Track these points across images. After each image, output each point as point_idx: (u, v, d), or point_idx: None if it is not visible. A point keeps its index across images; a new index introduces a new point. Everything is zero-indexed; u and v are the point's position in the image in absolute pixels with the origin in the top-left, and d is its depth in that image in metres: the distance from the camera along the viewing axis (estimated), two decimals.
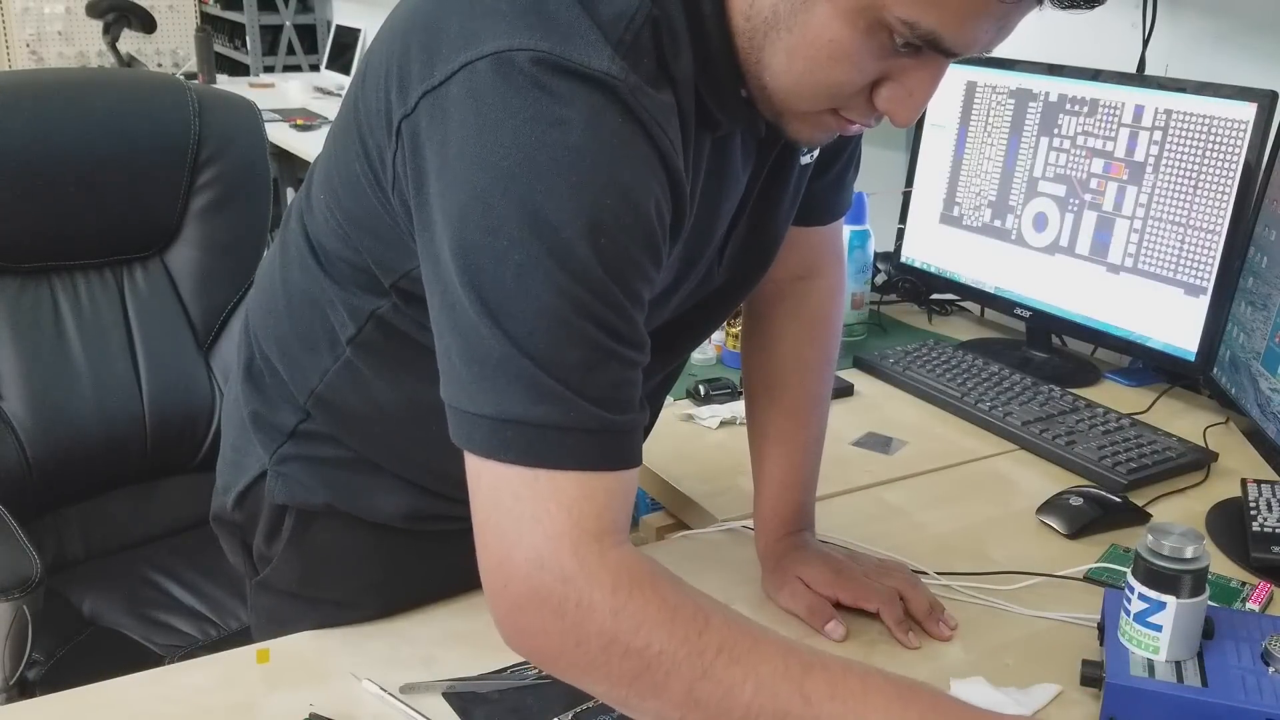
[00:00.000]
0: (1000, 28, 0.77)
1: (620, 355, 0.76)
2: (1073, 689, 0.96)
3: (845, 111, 0.82)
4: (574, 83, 0.73)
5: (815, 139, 0.88)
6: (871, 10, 0.74)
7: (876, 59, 0.78)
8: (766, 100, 0.84)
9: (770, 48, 0.80)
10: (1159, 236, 1.52)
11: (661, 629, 0.73)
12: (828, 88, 0.80)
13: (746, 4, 0.80)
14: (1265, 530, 1.18)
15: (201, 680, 0.97)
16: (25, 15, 4.92)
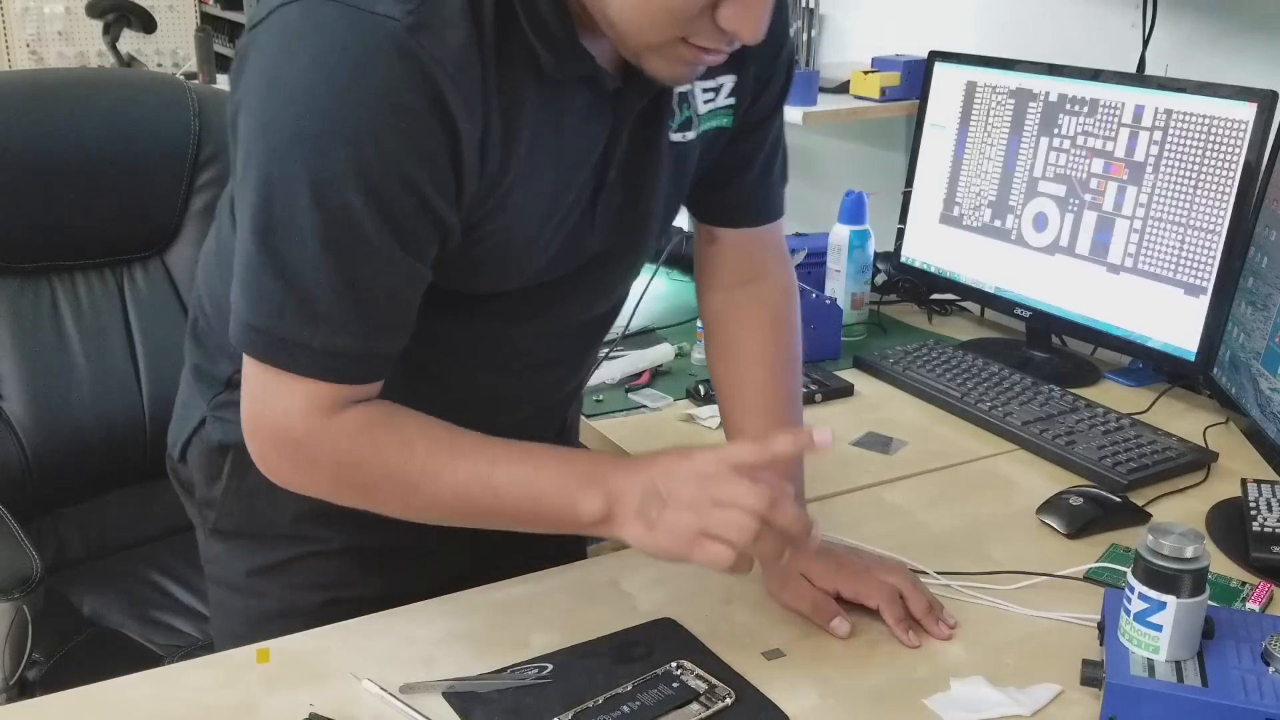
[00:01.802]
0: None
1: (367, 291, 0.87)
2: (1073, 689, 0.96)
3: (694, 38, 0.86)
4: (352, 23, 0.80)
5: (676, 73, 0.91)
6: None
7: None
8: (618, 37, 0.88)
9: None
10: (1159, 236, 1.52)
11: (374, 467, 0.92)
12: (668, 11, 0.84)
13: None
14: (1265, 530, 1.18)
15: (201, 680, 0.97)
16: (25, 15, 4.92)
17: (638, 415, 1.51)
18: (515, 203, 0.93)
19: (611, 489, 0.91)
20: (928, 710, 0.94)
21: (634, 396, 1.56)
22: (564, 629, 1.04)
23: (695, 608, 1.08)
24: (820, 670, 0.99)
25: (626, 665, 0.98)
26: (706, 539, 0.89)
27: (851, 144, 2.30)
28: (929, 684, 0.97)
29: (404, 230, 0.87)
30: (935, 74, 1.80)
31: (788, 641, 1.03)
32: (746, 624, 1.06)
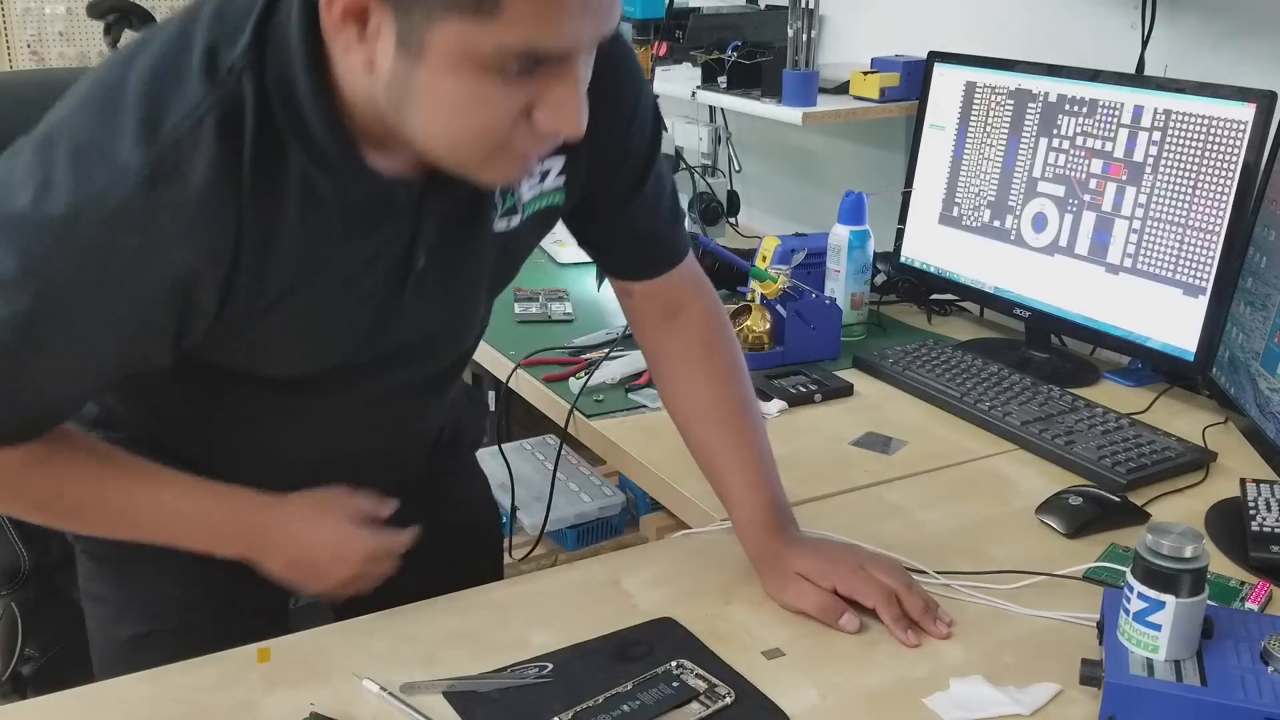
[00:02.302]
0: (597, 14, 0.80)
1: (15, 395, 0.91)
2: (1072, 688, 0.96)
3: (514, 145, 0.85)
4: (91, 168, 0.82)
5: (510, 177, 0.93)
6: (465, 56, 0.78)
7: (507, 92, 0.81)
8: (438, 161, 0.88)
9: (407, 120, 0.84)
10: (1158, 237, 1.52)
11: (25, 509, 1.04)
12: (477, 135, 0.84)
13: (357, 80, 0.84)
14: (1264, 530, 1.18)
15: (201, 680, 0.97)
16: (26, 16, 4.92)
17: (637, 415, 1.51)
18: (290, 308, 0.94)
19: (254, 547, 1.06)
20: (927, 710, 0.94)
21: (634, 396, 1.56)
22: (564, 628, 1.04)
23: (695, 607, 1.08)
24: (820, 670, 0.99)
25: (626, 664, 0.98)
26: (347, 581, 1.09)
27: (851, 144, 2.30)
28: (929, 683, 0.98)
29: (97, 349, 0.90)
30: (935, 74, 1.80)
31: (788, 641, 1.03)
32: (746, 623, 1.06)
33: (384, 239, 0.96)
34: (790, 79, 1.89)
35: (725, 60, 2.00)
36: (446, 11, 0.77)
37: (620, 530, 2.49)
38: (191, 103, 0.83)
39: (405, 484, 1.18)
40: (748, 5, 2.43)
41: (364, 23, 0.80)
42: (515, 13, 0.76)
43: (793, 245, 1.71)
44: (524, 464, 2.57)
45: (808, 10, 1.87)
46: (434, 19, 0.78)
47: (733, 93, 2.00)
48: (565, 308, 1.89)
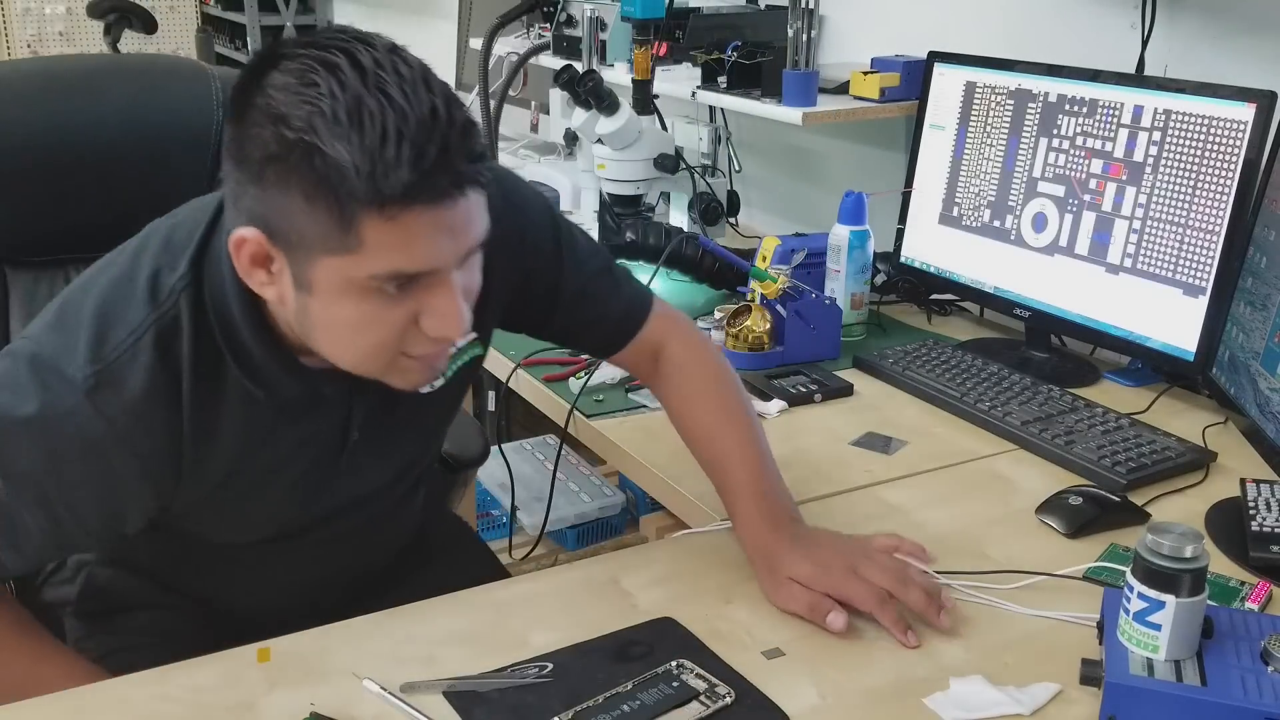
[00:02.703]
0: (453, 232, 0.90)
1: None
2: (1072, 688, 0.97)
3: (412, 350, 0.96)
4: (48, 379, 0.95)
5: (415, 381, 1.01)
6: (346, 283, 0.89)
7: (390, 309, 0.91)
8: (353, 372, 0.99)
9: (313, 339, 0.96)
10: (1158, 237, 1.52)
11: None
12: (371, 350, 0.95)
13: (285, 315, 0.97)
14: (1264, 530, 1.18)
15: (201, 680, 0.97)
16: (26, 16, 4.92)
17: (637, 415, 1.51)
18: (228, 492, 1.06)
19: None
20: (927, 709, 0.95)
21: (634, 396, 1.56)
22: (564, 628, 1.04)
23: (695, 607, 1.08)
24: (820, 669, 0.99)
25: (626, 664, 0.98)
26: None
27: (851, 144, 2.30)
28: (929, 683, 0.98)
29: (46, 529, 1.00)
30: (935, 74, 1.80)
31: (788, 641, 1.03)
32: (746, 623, 1.06)
33: (316, 427, 1.08)
34: (790, 79, 1.89)
35: (725, 60, 2.00)
36: (322, 253, 0.89)
37: (620, 530, 2.50)
38: (133, 323, 0.96)
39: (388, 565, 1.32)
40: (748, 5, 2.43)
41: (269, 265, 0.93)
42: (375, 246, 0.87)
43: (793, 245, 1.71)
44: (524, 464, 2.57)
45: (808, 10, 1.87)
46: (313, 259, 0.89)
47: (733, 93, 2.00)
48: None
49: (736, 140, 2.44)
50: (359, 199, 0.85)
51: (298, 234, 0.89)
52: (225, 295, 0.98)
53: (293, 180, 0.86)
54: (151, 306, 0.97)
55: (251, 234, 0.91)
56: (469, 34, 3.39)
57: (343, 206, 0.85)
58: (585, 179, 2.32)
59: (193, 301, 0.98)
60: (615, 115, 1.97)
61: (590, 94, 1.96)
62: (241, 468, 1.05)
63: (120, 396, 0.95)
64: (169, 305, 0.97)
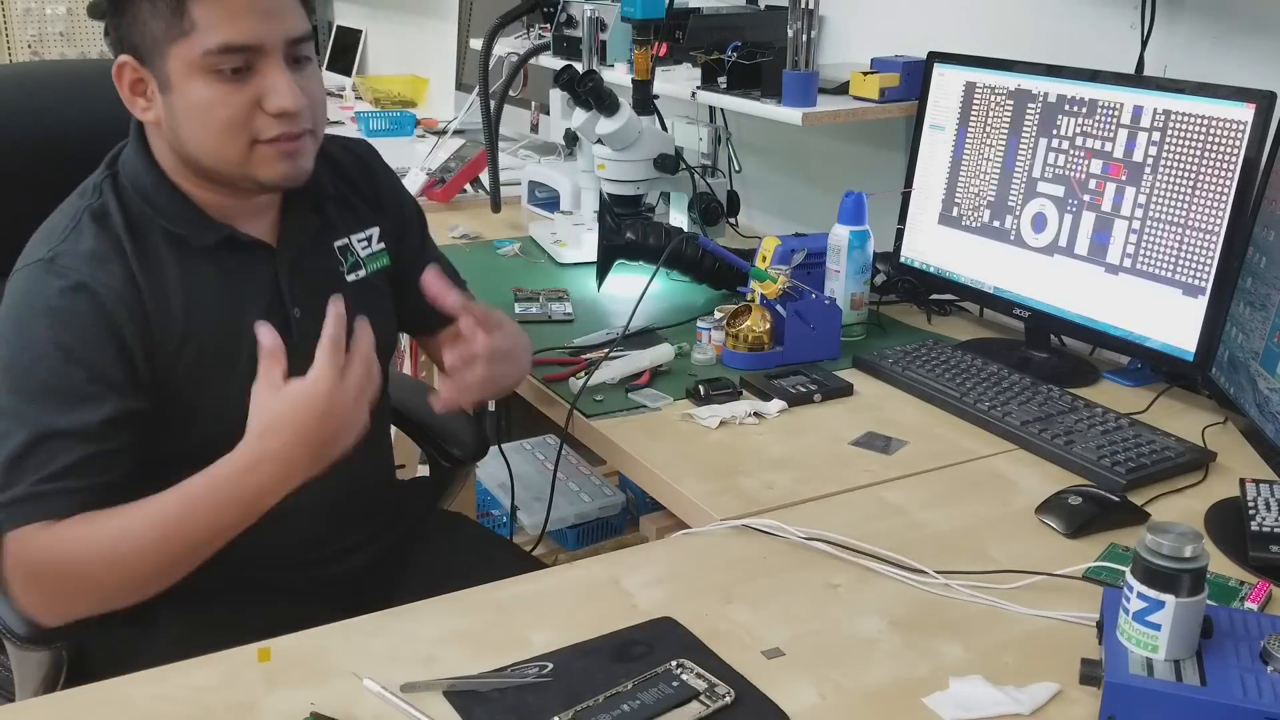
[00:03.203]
0: (269, 14, 1.13)
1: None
2: (1072, 688, 0.97)
3: (261, 135, 1.16)
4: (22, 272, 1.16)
5: (280, 171, 1.19)
6: (190, 67, 1.12)
7: (233, 90, 1.14)
8: (220, 174, 1.19)
9: (183, 141, 1.17)
10: (1157, 237, 1.52)
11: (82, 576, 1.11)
12: (224, 126, 1.15)
13: (159, 138, 1.19)
14: (1264, 529, 1.18)
15: (202, 680, 0.97)
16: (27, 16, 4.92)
17: (637, 415, 1.51)
18: (194, 356, 1.19)
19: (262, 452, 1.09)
20: (927, 709, 0.95)
21: (634, 396, 1.56)
22: (564, 628, 1.04)
23: (695, 607, 1.08)
24: (820, 669, 0.99)
25: (626, 664, 0.98)
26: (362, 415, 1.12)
27: (851, 145, 2.30)
28: (928, 683, 0.98)
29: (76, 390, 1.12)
30: (934, 75, 1.80)
31: (788, 641, 1.03)
32: (746, 623, 1.06)
33: (252, 282, 1.24)
34: (790, 79, 1.89)
35: (725, 60, 2.00)
36: (169, 44, 1.13)
37: (620, 530, 2.50)
38: (69, 214, 1.18)
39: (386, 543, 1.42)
40: (748, 5, 2.43)
41: (145, 91, 1.17)
42: (204, 24, 1.11)
43: (793, 245, 1.71)
44: (524, 464, 2.57)
45: (808, 10, 1.87)
46: (165, 54, 1.13)
47: (733, 93, 2.00)
48: (565, 308, 1.89)
49: (736, 140, 2.44)
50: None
51: (151, 38, 1.13)
52: (133, 165, 1.21)
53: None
54: (81, 201, 1.19)
55: (124, 59, 1.16)
56: (469, 34, 3.39)
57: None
58: (585, 179, 2.32)
59: (114, 186, 1.20)
60: (615, 115, 1.97)
61: (590, 94, 1.96)
62: (195, 324, 1.19)
63: (76, 254, 1.14)
64: (95, 195, 1.19)
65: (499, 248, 2.25)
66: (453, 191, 2.58)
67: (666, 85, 2.13)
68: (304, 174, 1.22)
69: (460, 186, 2.60)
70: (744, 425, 1.48)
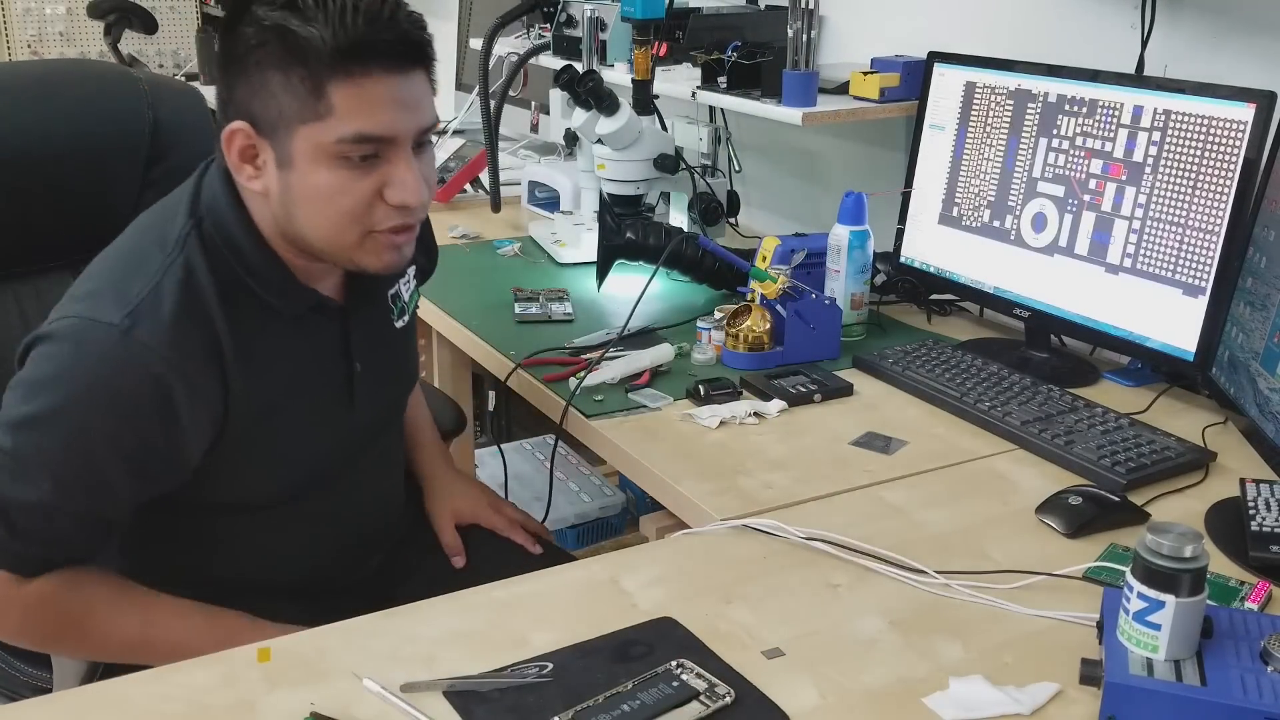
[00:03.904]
0: (407, 105, 1.08)
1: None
2: (1072, 688, 0.97)
3: (377, 226, 1.11)
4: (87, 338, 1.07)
5: (386, 262, 1.15)
6: (319, 151, 1.06)
7: (358, 178, 1.08)
8: (327, 256, 1.14)
9: (294, 218, 1.11)
10: (1158, 237, 1.52)
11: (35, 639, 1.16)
12: (344, 215, 1.09)
13: (262, 207, 1.13)
14: (1264, 530, 1.18)
15: (202, 680, 0.97)
16: (26, 16, 4.92)
17: (637, 415, 1.51)
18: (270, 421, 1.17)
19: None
20: (927, 709, 0.95)
21: (634, 396, 1.56)
22: (564, 628, 1.04)
23: (695, 607, 1.08)
24: (820, 669, 0.99)
25: (627, 664, 0.98)
26: None
27: (851, 144, 2.30)
28: (928, 683, 0.98)
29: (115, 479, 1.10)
30: (934, 75, 1.80)
31: (788, 641, 1.03)
32: (746, 623, 1.06)
33: (325, 342, 1.23)
34: (790, 79, 1.89)
35: (725, 60, 2.00)
36: (299, 123, 1.06)
37: (620, 530, 2.50)
38: (150, 271, 1.09)
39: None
40: (748, 5, 2.43)
41: (255, 159, 1.10)
42: (342, 110, 1.05)
43: (793, 245, 1.71)
44: (524, 464, 2.57)
45: (808, 10, 1.87)
46: (293, 132, 1.06)
47: (733, 93, 2.00)
48: (565, 308, 1.89)
49: (736, 140, 2.44)
50: (326, 64, 1.03)
51: (278, 111, 1.06)
52: (226, 225, 1.13)
53: (271, 62, 1.05)
54: (163, 255, 1.11)
55: (240, 125, 1.08)
56: (469, 34, 3.39)
57: (314, 75, 1.04)
58: (585, 179, 2.32)
59: (200, 240, 1.12)
60: (615, 115, 1.97)
61: (590, 94, 1.96)
62: (273, 391, 1.17)
63: (156, 326, 1.07)
64: (177, 250, 1.11)
65: (499, 248, 2.25)
66: (453, 191, 2.58)
67: (666, 85, 2.13)
68: (406, 262, 1.19)
69: (460, 186, 2.60)
70: (744, 425, 1.48)
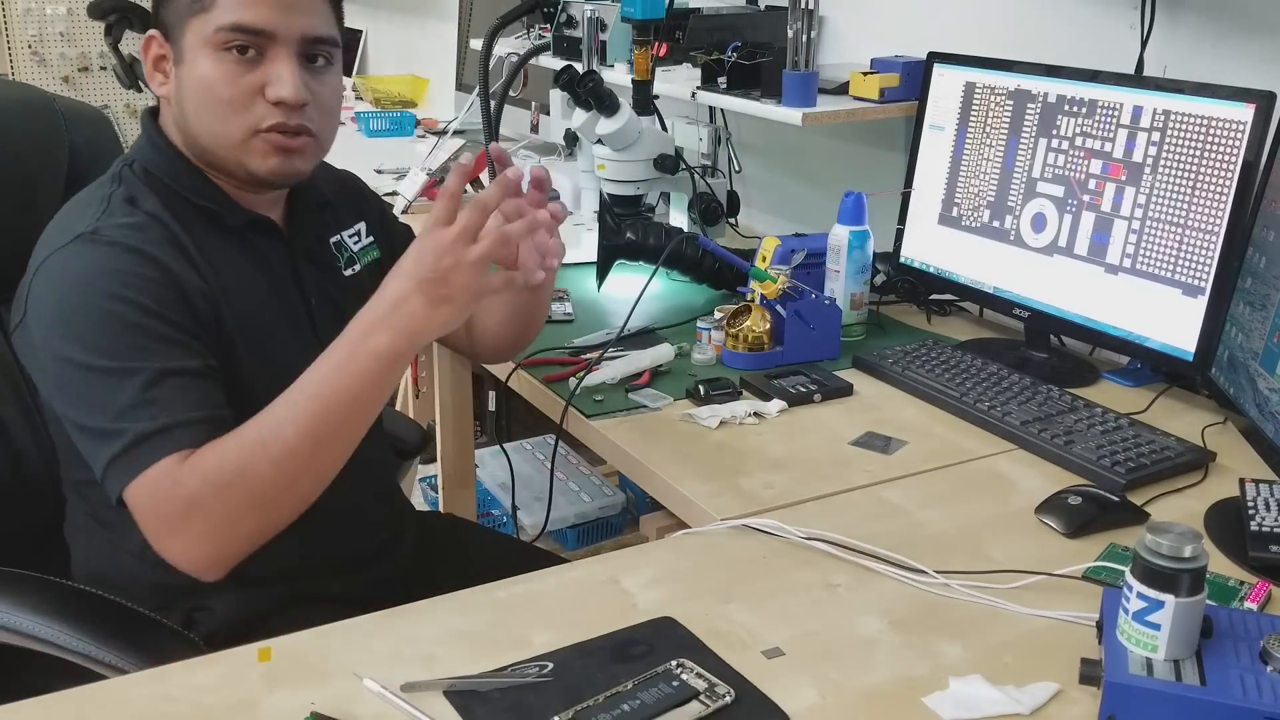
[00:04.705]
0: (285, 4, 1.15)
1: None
2: (1071, 687, 0.97)
3: (259, 124, 1.17)
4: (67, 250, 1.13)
5: (269, 164, 1.19)
6: (203, 42, 1.14)
7: (240, 72, 1.15)
8: (216, 156, 1.19)
9: (187, 117, 1.18)
10: (1157, 237, 1.52)
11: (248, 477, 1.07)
12: (224, 106, 1.16)
13: (167, 110, 1.22)
14: (1263, 529, 1.18)
15: (202, 679, 0.97)
16: (27, 16, 4.92)
17: (637, 415, 1.51)
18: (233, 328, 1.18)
19: (384, 318, 1.07)
20: (927, 709, 0.95)
21: (634, 396, 1.56)
22: (564, 628, 1.04)
23: (695, 607, 1.08)
24: (820, 669, 1.00)
25: (627, 664, 0.98)
26: (484, 280, 1.08)
27: (851, 145, 2.30)
28: (928, 683, 0.98)
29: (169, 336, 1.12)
30: (934, 75, 1.80)
31: (788, 641, 1.03)
32: (746, 623, 1.06)
33: (274, 267, 1.27)
34: (790, 79, 1.89)
35: (725, 61, 2.00)
36: (189, 16, 1.15)
37: (620, 530, 2.50)
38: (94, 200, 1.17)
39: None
40: (748, 5, 2.43)
41: (164, 67, 1.20)
42: (225, 2, 1.14)
43: (793, 245, 1.71)
44: (524, 464, 2.57)
45: (808, 10, 1.87)
46: (185, 28, 1.16)
47: (733, 93, 2.00)
48: (565, 308, 1.89)
49: (736, 140, 2.44)
50: None
51: (175, 12, 1.16)
52: (156, 156, 1.22)
53: None
54: (102, 191, 1.19)
55: (152, 33, 1.20)
56: (469, 34, 3.39)
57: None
58: (585, 179, 2.32)
59: (133, 173, 1.21)
60: (615, 116, 1.98)
61: (590, 94, 1.96)
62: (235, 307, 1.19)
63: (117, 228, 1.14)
64: (114, 184, 1.19)
65: None
66: None
67: (666, 85, 2.13)
68: (297, 174, 1.23)
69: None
70: (744, 425, 1.48)
